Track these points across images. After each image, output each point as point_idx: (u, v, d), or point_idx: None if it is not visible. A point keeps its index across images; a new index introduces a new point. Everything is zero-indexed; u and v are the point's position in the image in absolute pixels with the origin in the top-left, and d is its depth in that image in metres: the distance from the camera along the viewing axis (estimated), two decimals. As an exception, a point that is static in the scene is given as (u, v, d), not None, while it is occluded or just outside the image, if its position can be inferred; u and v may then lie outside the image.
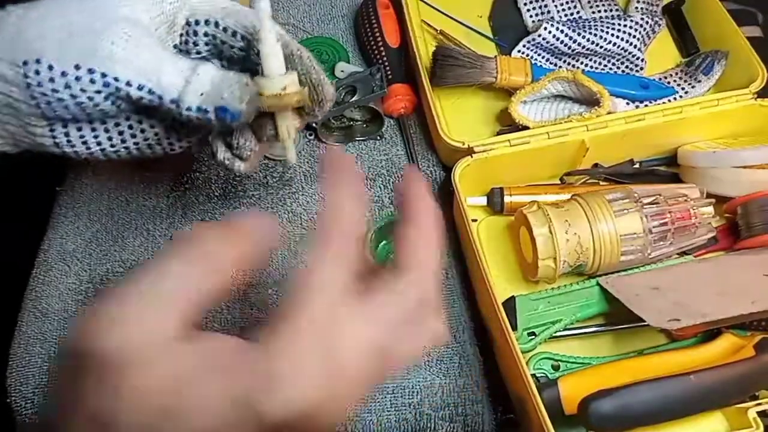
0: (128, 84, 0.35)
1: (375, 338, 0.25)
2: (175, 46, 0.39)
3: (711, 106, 0.59)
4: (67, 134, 0.38)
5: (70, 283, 0.58)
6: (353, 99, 0.62)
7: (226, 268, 0.25)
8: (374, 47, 0.68)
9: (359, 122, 0.65)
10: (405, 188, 0.30)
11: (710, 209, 0.55)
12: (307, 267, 0.25)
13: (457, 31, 0.69)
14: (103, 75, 0.35)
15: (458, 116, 0.65)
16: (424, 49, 0.65)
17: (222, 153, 0.41)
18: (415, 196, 0.30)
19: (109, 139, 0.40)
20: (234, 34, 0.38)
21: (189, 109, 0.36)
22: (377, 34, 0.68)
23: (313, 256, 0.25)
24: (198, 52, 0.39)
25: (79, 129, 0.38)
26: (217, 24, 0.38)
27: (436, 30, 0.68)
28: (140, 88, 0.35)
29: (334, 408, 0.24)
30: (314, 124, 0.63)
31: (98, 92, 0.35)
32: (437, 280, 0.29)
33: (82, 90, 0.35)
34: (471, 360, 0.55)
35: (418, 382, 0.54)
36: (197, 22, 0.38)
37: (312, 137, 0.65)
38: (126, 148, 0.41)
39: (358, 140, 0.66)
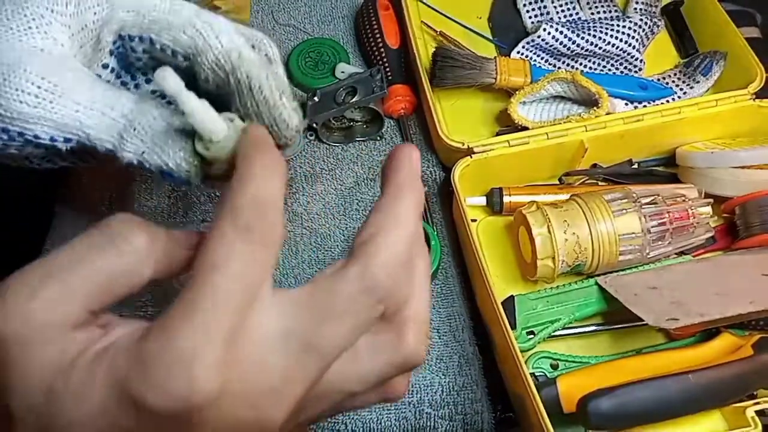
0: (52, 140, 0.29)
1: (294, 330, 0.22)
2: (105, 66, 0.32)
3: (709, 106, 0.59)
4: (29, 160, 0.33)
5: (71, 283, 0.58)
6: (353, 100, 0.62)
7: (141, 259, 0.24)
8: (374, 48, 0.68)
9: (359, 123, 0.66)
10: (387, 165, 0.27)
11: (708, 209, 0.55)
12: (206, 240, 0.22)
13: (457, 32, 0.69)
14: (21, 134, 0.29)
15: (458, 117, 0.65)
16: (423, 50, 0.65)
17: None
18: (399, 170, 0.26)
19: (81, 160, 0.35)
20: (174, 53, 0.30)
21: (130, 163, 0.30)
22: (377, 35, 0.68)
23: (214, 227, 0.23)
24: (144, 65, 0.33)
25: (44, 158, 0.33)
26: (152, 41, 0.31)
27: (436, 31, 0.69)
28: (67, 141, 0.29)
29: (239, 404, 0.22)
30: (314, 124, 0.63)
31: (23, 146, 0.30)
32: (417, 284, 0.26)
33: (6, 145, 0.30)
34: (470, 359, 0.55)
35: (418, 380, 0.54)
36: (131, 38, 0.31)
37: (312, 137, 0.66)
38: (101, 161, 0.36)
39: (358, 140, 0.66)
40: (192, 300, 0.21)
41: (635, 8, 0.70)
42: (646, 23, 0.65)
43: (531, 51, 0.66)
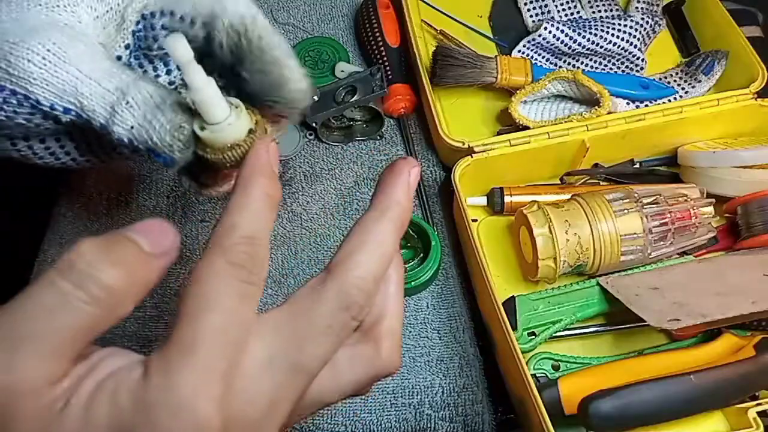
0: (53, 108, 0.29)
1: (279, 354, 0.23)
2: (127, 47, 0.33)
3: (711, 106, 0.59)
4: (30, 147, 0.33)
5: (70, 283, 0.58)
6: (353, 99, 0.62)
7: (118, 298, 0.22)
8: (374, 47, 0.68)
9: (359, 122, 0.65)
10: (383, 177, 0.27)
11: (710, 209, 0.55)
12: (198, 273, 0.22)
13: (458, 30, 0.69)
14: (26, 97, 0.29)
15: (458, 116, 0.65)
16: (424, 49, 0.65)
17: (186, 181, 0.36)
18: (386, 188, 0.27)
19: (80, 151, 0.34)
20: (192, 21, 0.31)
21: (120, 140, 0.29)
22: (377, 34, 0.68)
23: (206, 260, 0.23)
24: (160, 48, 0.33)
25: (42, 141, 0.33)
26: (173, 13, 0.32)
27: (436, 30, 0.68)
28: (66, 111, 0.30)
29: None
30: (314, 124, 0.63)
31: (31, 114, 0.30)
32: (391, 299, 0.27)
33: (15, 112, 0.30)
34: (471, 360, 0.55)
35: (418, 382, 0.54)
36: (153, 15, 0.32)
37: (312, 137, 0.65)
38: (101, 157, 0.36)
39: (358, 140, 0.66)
40: (189, 339, 0.21)
41: (637, 7, 0.69)
42: (647, 22, 0.65)
43: (532, 50, 0.66)
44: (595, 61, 0.66)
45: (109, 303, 0.22)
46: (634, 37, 0.64)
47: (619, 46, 0.64)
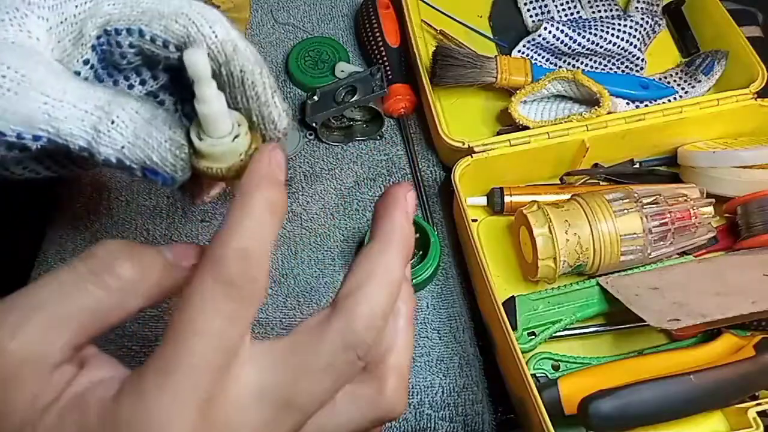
0: (19, 137, 0.27)
1: (271, 386, 0.22)
2: (86, 62, 0.30)
3: (711, 106, 0.59)
4: (7, 169, 0.31)
5: (70, 283, 0.58)
6: (353, 99, 0.62)
7: (129, 292, 0.22)
8: (374, 47, 0.68)
9: (359, 122, 0.65)
10: (381, 204, 0.26)
11: (710, 209, 0.55)
12: (185, 293, 0.21)
13: (457, 30, 0.69)
14: None
15: (458, 116, 0.65)
16: (424, 49, 0.65)
17: (177, 193, 0.35)
18: (387, 216, 0.25)
19: (52, 171, 0.33)
20: (165, 44, 0.28)
21: (107, 161, 0.27)
22: (377, 34, 0.68)
23: (195, 279, 0.21)
24: (130, 63, 0.31)
25: (19, 163, 0.31)
26: (141, 33, 0.29)
27: (436, 30, 0.68)
28: (36, 138, 0.27)
29: None
30: (314, 124, 0.63)
31: None
32: (400, 334, 0.26)
33: None
34: (471, 360, 0.55)
35: (418, 382, 0.54)
36: (118, 32, 0.29)
37: (312, 137, 0.65)
38: (85, 167, 0.34)
39: (358, 140, 0.66)
40: (168, 362, 0.20)
41: (636, 7, 0.69)
42: (647, 22, 0.65)
43: (532, 50, 0.66)
44: (595, 61, 0.66)
45: (119, 292, 0.22)
46: (634, 37, 0.64)
47: (619, 46, 0.64)
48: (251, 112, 0.28)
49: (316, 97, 0.64)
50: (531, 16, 0.69)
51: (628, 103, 0.63)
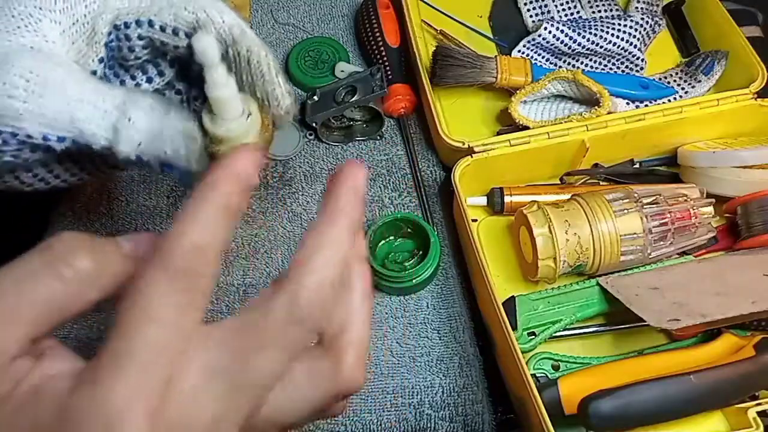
0: (45, 138, 0.28)
1: (220, 369, 0.21)
2: (101, 60, 0.31)
3: (711, 106, 0.59)
4: (17, 177, 0.31)
5: (70, 283, 0.58)
6: (353, 99, 0.62)
7: (86, 284, 0.22)
8: (374, 47, 0.68)
9: (359, 122, 0.65)
10: (331, 181, 0.26)
11: (710, 209, 0.55)
12: (136, 284, 0.21)
13: (458, 31, 0.69)
14: (14, 135, 0.28)
15: (458, 116, 0.65)
16: (424, 49, 0.65)
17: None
18: (335, 191, 0.25)
19: (71, 172, 0.33)
20: (175, 31, 0.29)
21: (126, 158, 0.29)
22: (377, 34, 0.68)
23: (145, 270, 0.22)
24: (137, 58, 0.32)
25: (29, 170, 0.32)
26: (151, 23, 0.30)
27: (436, 30, 0.68)
28: (61, 140, 0.28)
29: None
30: (314, 124, 0.63)
31: (19, 150, 0.29)
32: (357, 309, 0.26)
33: (1, 151, 0.29)
34: (471, 360, 0.55)
35: (418, 382, 0.54)
36: (127, 25, 0.30)
37: (312, 137, 0.65)
38: (95, 174, 0.35)
39: (358, 140, 0.66)
40: (123, 351, 0.20)
41: (636, 7, 0.69)
42: (647, 22, 0.65)
43: (532, 50, 0.66)
44: (595, 61, 0.66)
45: (75, 284, 0.22)
46: (634, 37, 0.64)
47: (619, 46, 0.64)
48: (256, 90, 0.29)
49: (316, 97, 0.64)
50: (531, 16, 0.69)
51: (628, 103, 0.63)
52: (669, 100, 0.64)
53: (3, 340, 0.21)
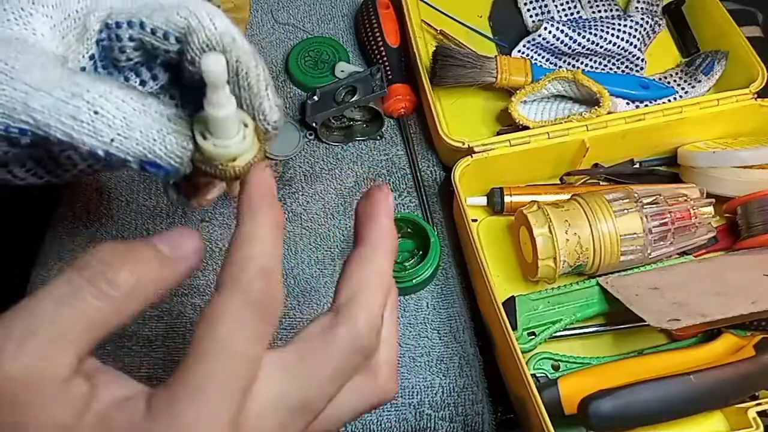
0: (7, 130, 0.26)
1: (287, 393, 0.23)
2: (92, 57, 0.30)
3: (711, 106, 0.59)
4: (10, 171, 0.31)
5: (70, 283, 0.58)
6: (353, 99, 0.62)
7: (127, 298, 0.22)
8: (374, 47, 0.68)
9: (359, 122, 0.65)
10: (364, 208, 0.27)
11: (710, 209, 0.55)
12: (213, 312, 0.22)
13: (457, 30, 0.69)
14: None
15: (458, 116, 0.65)
16: (424, 49, 0.65)
17: (171, 192, 0.34)
18: (374, 220, 0.26)
19: (63, 169, 0.32)
20: (165, 36, 0.29)
21: (94, 153, 0.26)
22: (377, 34, 0.68)
23: (222, 299, 0.22)
24: (129, 59, 0.31)
25: (23, 166, 0.31)
26: (142, 25, 0.29)
27: (436, 30, 0.68)
28: (23, 132, 0.26)
29: None
30: (314, 124, 0.63)
31: None
32: (387, 326, 0.27)
33: None
34: (471, 360, 0.55)
35: (418, 382, 0.54)
36: (118, 25, 0.29)
37: (312, 137, 0.65)
38: (87, 171, 0.33)
39: (358, 140, 0.66)
40: (199, 380, 0.21)
41: (636, 7, 0.69)
42: (647, 22, 0.65)
43: (532, 50, 0.66)
44: (595, 61, 0.66)
45: (117, 300, 0.22)
46: (634, 37, 0.64)
47: (619, 46, 0.64)
48: (243, 102, 0.28)
49: (316, 97, 0.64)
50: (531, 16, 0.69)
51: (628, 103, 0.63)
52: (669, 100, 0.64)
53: (55, 365, 0.21)
